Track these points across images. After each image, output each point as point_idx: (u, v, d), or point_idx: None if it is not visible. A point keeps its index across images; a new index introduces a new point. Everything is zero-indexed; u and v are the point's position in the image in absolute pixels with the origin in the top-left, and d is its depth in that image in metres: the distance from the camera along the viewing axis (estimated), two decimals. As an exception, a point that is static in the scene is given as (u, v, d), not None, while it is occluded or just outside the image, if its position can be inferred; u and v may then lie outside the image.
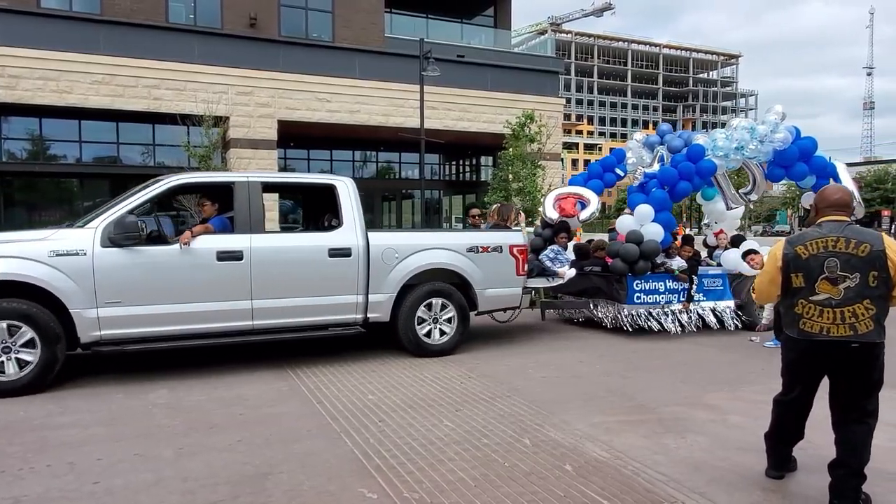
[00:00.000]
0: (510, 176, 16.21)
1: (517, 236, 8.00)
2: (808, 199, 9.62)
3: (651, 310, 8.59)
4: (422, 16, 25.24)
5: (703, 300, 8.90)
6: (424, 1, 24.69)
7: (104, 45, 16.79)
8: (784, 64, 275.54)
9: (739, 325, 8.91)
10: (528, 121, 18.95)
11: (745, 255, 8.92)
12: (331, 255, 6.74)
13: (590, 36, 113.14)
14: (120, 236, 5.88)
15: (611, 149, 11.24)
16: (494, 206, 9.82)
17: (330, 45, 20.42)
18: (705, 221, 11.27)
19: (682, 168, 8.84)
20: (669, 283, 8.73)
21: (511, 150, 16.29)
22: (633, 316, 8.48)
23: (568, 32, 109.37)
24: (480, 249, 7.55)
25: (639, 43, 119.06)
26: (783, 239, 3.73)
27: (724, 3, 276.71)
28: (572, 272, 8.79)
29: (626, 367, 6.88)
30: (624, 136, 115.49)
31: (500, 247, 7.69)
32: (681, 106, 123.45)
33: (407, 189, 26.20)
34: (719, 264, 9.55)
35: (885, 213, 49.93)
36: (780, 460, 3.93)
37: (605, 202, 78.26)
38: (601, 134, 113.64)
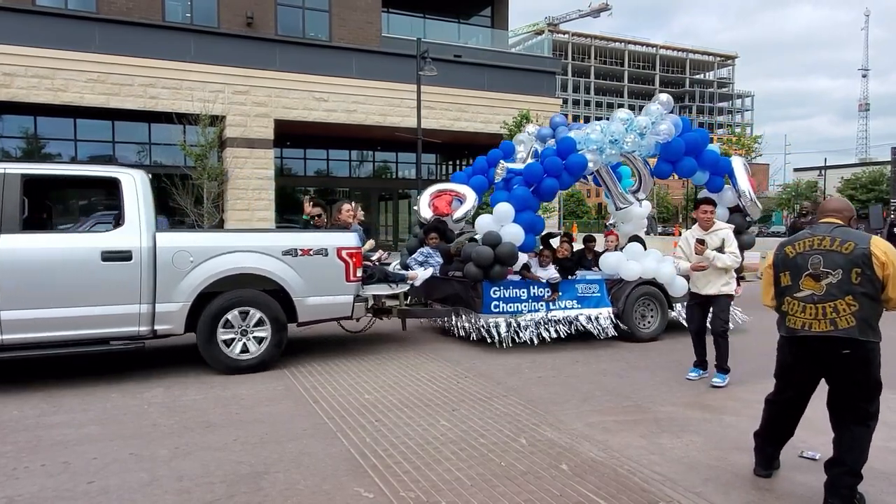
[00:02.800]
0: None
1: (347, 238, 7.05)
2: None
3: (511, 320, 7.74)
4: (419, 15, 25.23)
5: (576, 308, 8.11)
6: (421, 1, 24.69)
7: (100, 44, 16.73)
8: (775, 65, 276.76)
9: (616, 335, 8.18)
10: (525, 121, 18.98)
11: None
12: (105, 259, 5.85)
13: (587, 36, 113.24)
14: None
15: (500, 142, 10.33)
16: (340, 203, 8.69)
17: (327, 44, 20.39)
18: (611, 221, 10.42)
19: (548, 164, 7.90)
20: (534, 290, 7.94)
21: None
22: (488, 326, 7.64)
23: (565, 33, 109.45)
24: (300, 252, 6.70)
25: (635, 44, 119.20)
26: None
27: (715, 5, 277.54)
28: (425, 275, 8.03)
29: (622, 367, 6.89)
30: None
31: (325, 249, 6.79)
32: (677, 107, 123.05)
33: (404, 189, 26.18)
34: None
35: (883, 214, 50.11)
36: (767, 459, 3.96)
37: (602, 203, 78.31)
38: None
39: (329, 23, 20.86)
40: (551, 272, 8.20)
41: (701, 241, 6.07)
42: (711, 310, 6.29)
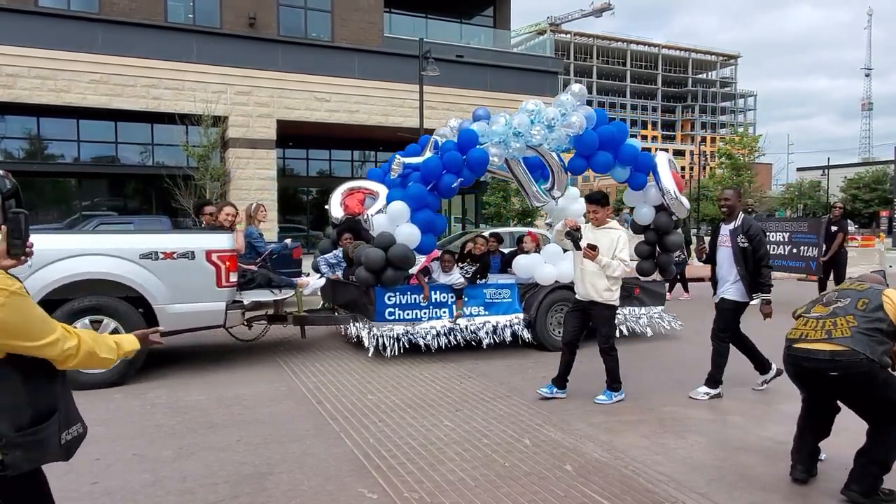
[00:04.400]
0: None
1: (218, 240, 6.46)
2: (629, 198, 8.56)
3: (408, 328, 7.16)
4: (421, 15, 25.23)
5: (483, 314, 7.51)
6: (423, 1, 24.68)
7: (102, 45, 16.74)
8: (774, 66, 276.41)
9: (528, 340, 7.63)
10: (528, 121, 18.98)
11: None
12: None
13: (589, 36, 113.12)
14: None
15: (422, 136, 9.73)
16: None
17: (329, 44, 20.40)
18: (547, 220, 9.80)
19: (447, 158, 7.25)
20: (436, 295, 7.36)
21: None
22: (381, 335, 7.05)
23: (567, 33, 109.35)
24: (162, 256, 6.15)
25: (638, 43, 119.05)
26: None
27: (714, 5, 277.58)
28: (317, 282, 7.54)
29: (625, 367, 6.84)
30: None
31: (192, 252, 6.24)
32: (680, 106, 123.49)
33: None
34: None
35: (884, 213, 49.94)
36: (803, 462, 3.85)
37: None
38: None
39: (331, 23, 20.86)
40: (455, 277, 7.60)
41: (592, 247, 5.34)
42: (593, 320, 5.60)
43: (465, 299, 7.46)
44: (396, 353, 7.04)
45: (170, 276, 6.17)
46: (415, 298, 7.26)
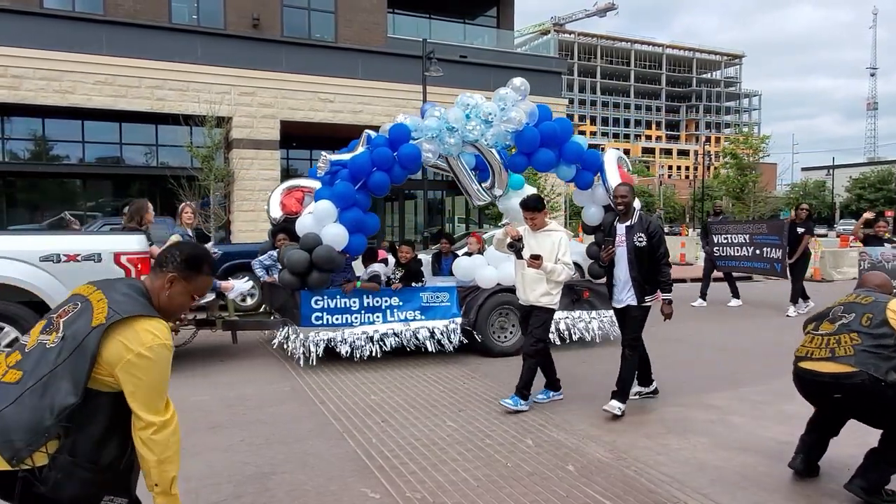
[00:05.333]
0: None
1: (129, 241, 6.15)
2: (577, 198, 8.23)
3: (337, 333, 6.80)
4: (424, 16, 25.24)
5: (419, 319, 7.14)
6: (427, 1, 24.69)
7: (107, 46, 16.80)
8: (775, 66, 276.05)
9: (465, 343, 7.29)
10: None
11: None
12: None
13: (593, 36, 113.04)
14: None
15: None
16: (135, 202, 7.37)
17: (332, 45, 20.42)
18: (505, 220, 9.15)
19: (377, 155, 6.89)
20: (368, 300, 7.01)
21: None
22: (306, 340, 6.68)
23: (571, 33, 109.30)
24: (64, 258, 5.81)
25: (642, 43, 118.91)
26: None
27: (715, 5, 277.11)
28: (243, 287, 7.23)
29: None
30: (627, 137, 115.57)
31: (98, 255, 5.90)
32: (684, 106, 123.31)
33: (409, 189, 26.18)
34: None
35: (889, 213, 49.78)
36: (806, 454, 3.87)
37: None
38: (604, 135, 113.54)
39: (335, 24, 20.89)
40: (375, 268, 7.49)
41: (535, 257, 5.14)
42: (530, 322, 5.43)
43: (401, 303, 7.10)
44: (313, 360, 6.64)
45: (74, 279, 5.51)
46: (345, 302, 6.90)
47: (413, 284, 7.35)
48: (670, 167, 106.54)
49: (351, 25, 20.91)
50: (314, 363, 6.66)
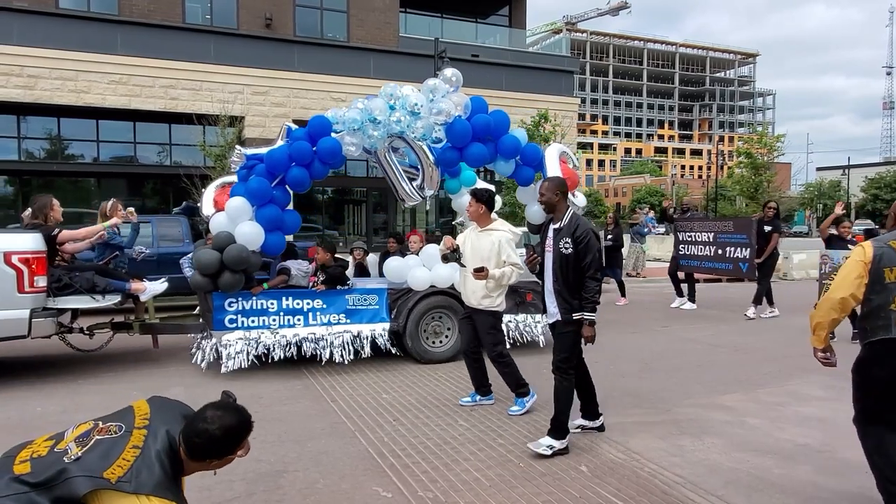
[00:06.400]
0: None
1: (22, 240, 5.82)
2: (520, 195, 7.82)
3: (253, 337, 6.44)
4: (436, 15, 25.23)
5: (343, 322, 6.81)
6: (439, 0, 24.69)
7: (121, 46, 16.94)
8: (788, 65, 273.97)
9: (395, 351, 7.04)
10: (543, 120, 18.92)
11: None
12: None
13: (605, 35, 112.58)
14: None
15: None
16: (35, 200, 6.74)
17: (345, 44, 20.46)
18: (459, 220, 8.96)
19: (294, 149, 6.48)
20: (288, 301, 6.65)
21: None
22: (219, 345, 6.36)
23: (583, 31, 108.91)
24: None
25: (655, 42, 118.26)
26: (865, 242, 3.30)
27: (726, 5, 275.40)
28: (157, 287, 6.82)
29: (640, 368, 6.83)
30: (639, 137, 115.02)
31: None
32: (697, 105, 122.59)
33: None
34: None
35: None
36: None
37: (620, 202, 77.82)
38: (616, 134, 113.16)
39: (347, 23, 20.92)
40: (303, 270, 7.16)
41: (479, 269, 4.89)
42: (476, 328, 5.27)
43: (324, 306, 6.78)
44: (241, 366, 6.30)
45: None
46: (263, 304, 6.55)
47: (338, 287, 6.95)
48: (683, 167, 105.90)
49: (363, 25, 20.95)
50: (231, 370, 6.27)
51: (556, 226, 4.50)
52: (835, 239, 8.82)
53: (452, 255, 5.17)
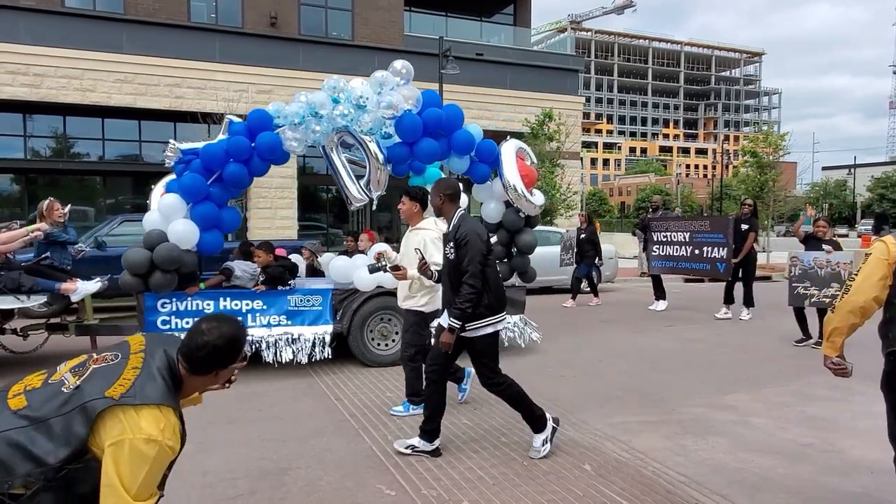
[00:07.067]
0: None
1: None
2: (476, 193, 7.58)
3: None
4: (441, 14, 25.22)
5: (283, 324, 6.56)
6: (444, -1, 24.69)
7: (127, 45, 16.98)
8: (792, 65, 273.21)
9: (329, 356, 6.69)
10: (547, 119, 18.89)
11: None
12: None
13: (610, 34, 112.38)
14: None
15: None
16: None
17: (349, 43, 20.48)
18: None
19: (231, 144, 6.24)
20: (226, 302, 6.42)
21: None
22: None
23: (588, 30, 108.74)
24: None
25: (660, 41, 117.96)
26: (887, 237, 2.94)
27: (730, 5, 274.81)
28: (90, 287, 6.50)
29: (644, 368, 6.82)
30: (644, 136, 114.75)
31: None
32: (702, 104, 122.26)
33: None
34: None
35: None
36: None
37: (625, 201, 77.67)
38: (621, 133, 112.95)
39: (352, 22, 20.94)
40: (248, 273, 6.83)
41: (396, 268, 4.81)
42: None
43: (264, 307, 6.56)
44: None
45: None
46: (198, 305, 6.32)
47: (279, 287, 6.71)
48: (688, 166, 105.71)
49: (368, 24, 20.96)
50: None
51: (446, 230, 4.30)
52: (810, 237, 8.49)
53: (377, 265, 5.04)
